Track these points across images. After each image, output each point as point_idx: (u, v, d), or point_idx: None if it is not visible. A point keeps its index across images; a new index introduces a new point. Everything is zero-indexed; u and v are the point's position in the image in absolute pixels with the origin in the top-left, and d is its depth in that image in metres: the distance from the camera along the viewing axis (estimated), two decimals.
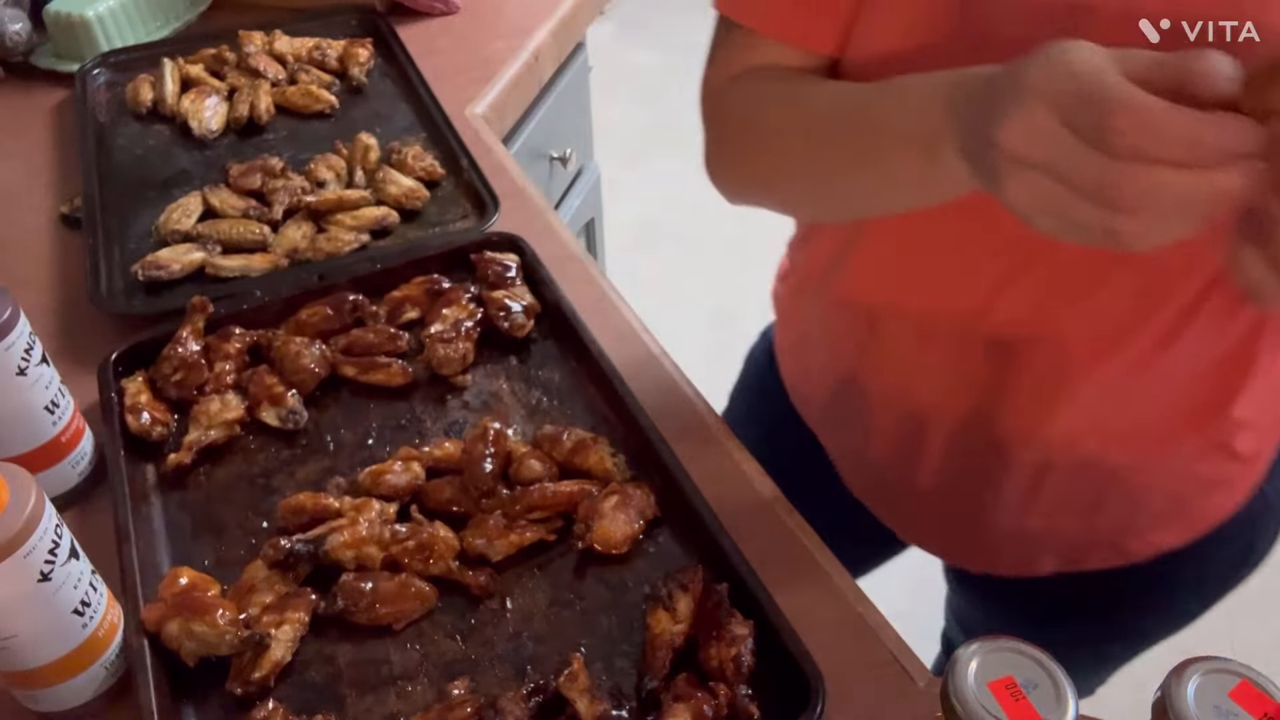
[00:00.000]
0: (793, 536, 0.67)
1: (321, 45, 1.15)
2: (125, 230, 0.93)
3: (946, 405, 0.70)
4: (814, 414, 0.84)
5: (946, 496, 0.75)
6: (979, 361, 0.66)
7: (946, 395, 0.69)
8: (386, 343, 0.79)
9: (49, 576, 0.53)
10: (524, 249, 0.86)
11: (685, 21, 3.45)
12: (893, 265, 0.68)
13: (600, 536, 0.64)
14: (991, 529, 0.75)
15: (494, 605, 0.63)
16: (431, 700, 0.58)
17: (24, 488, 0.53)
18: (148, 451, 0.73)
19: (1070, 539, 0.75)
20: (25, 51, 1.17)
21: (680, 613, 0.59)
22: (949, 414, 0.70)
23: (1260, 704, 0.41)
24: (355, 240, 0.89)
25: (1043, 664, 0.44)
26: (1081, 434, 0.67)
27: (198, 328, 0.78)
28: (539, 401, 0.77)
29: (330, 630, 0.62)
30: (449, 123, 1.02)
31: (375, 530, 0.64)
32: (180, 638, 0.58)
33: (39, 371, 0.66)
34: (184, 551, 0.67)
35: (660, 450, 0.68)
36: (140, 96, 1.07)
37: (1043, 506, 0.71)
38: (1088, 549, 0.75)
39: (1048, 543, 0.75)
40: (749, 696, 0.55)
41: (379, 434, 0.75)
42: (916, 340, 0.69)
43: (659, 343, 0.82)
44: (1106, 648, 0.85)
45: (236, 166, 0.97)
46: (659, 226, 2.66)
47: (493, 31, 1.22)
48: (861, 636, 0.62)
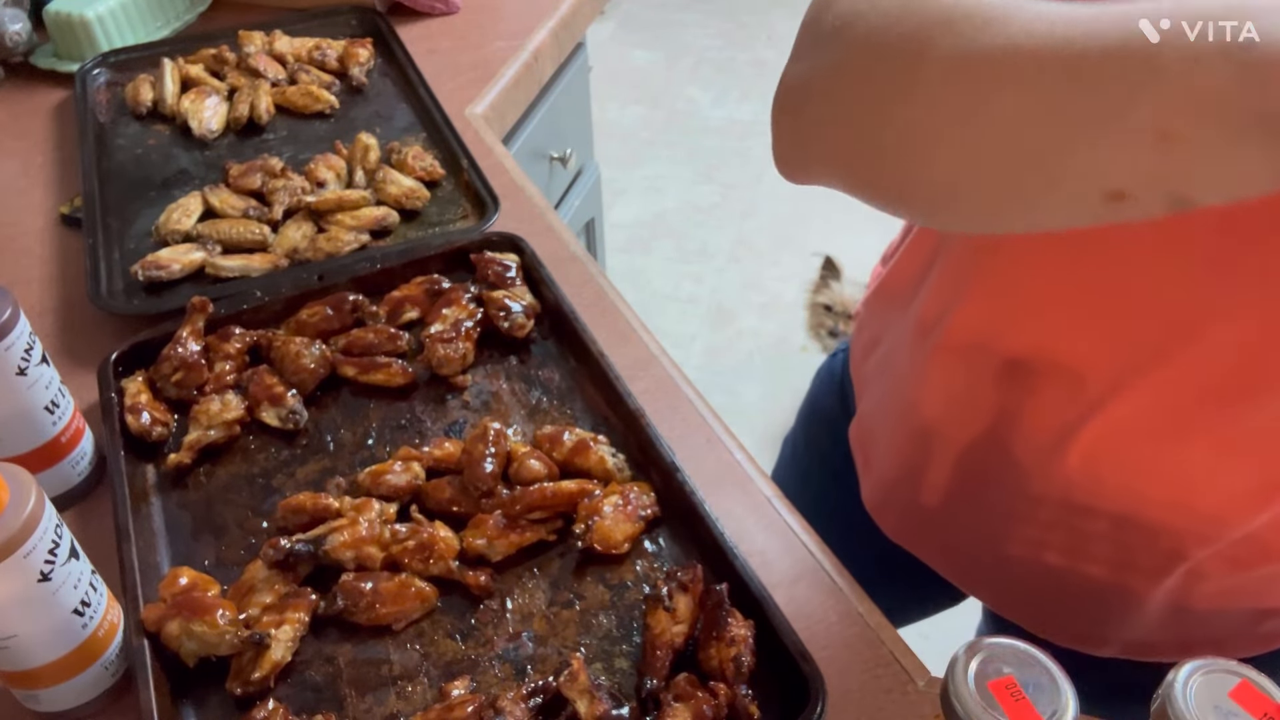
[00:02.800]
0: (792, 536, 0.67)
1: (321, 45, 1.15)
2: (125, 230, 0.93)
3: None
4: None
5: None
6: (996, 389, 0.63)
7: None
8: (386, 343, 0.79)
9: (49, 576, 0.53)
10: (524, 249, 0.86)
11: (685, 21, 3.46)
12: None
13: (600, 536, 0.64)
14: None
15: (494, 605, 0.63)
16: (431, 700, 0.58)
17: (24, 488, 0.53)
18: (148, 451, 0.73)
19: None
20: (25, 51, 1.17)
21: (680, 613, 0.59)
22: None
23: (1260, 704, 0.41)
24: (355, 240, 0.89)
25: (1043, 664, 0.44)
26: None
27: (198, 328, 0.78)
28: (539, 401, 0.77)
29: (330, 630, 0.62)
30: (449, 123, 1.02)
31: (375, 530, 0.64)
32: (180, 638, 0.58)
33: (39, 371, 0.66)
34: (184, 551, 0.67)
35: (660, 450, 0.68)
36: (140, 96, 1.07)
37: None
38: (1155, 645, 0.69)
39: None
40: (749, 696, 0.55)
41: (379, 434, 0.75)
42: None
43: (659, 343, 0.82)
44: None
45: (236, 166, 0.97)
46: (659, 226, 2.66)
47: (493, 31, 1.22)
48: (861, 636, 0.62)
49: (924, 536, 0.78)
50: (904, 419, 0.73)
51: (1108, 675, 0.70)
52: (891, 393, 0.75)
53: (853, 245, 2.07)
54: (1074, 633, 0.72)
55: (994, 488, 0.68)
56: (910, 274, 0.71)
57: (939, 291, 0.66)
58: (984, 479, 0.69)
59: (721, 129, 2.99)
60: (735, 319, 2.38)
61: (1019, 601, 0.75)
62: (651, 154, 2.89)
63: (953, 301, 0.64)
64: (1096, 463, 0.61)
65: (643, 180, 2.79)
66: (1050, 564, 0.68)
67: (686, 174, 2.83)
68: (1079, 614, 0.70)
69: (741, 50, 3.30)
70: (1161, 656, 0.70)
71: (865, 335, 0.80)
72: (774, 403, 2.10)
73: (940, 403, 0.69)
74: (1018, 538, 0.69)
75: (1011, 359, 0.62)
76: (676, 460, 0.68)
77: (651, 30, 3.41)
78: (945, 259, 0.65)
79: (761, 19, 3.44)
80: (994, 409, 0.65)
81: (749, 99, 3.09)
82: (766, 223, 2.61)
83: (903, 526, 0.79)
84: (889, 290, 0.76)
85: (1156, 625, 0.68)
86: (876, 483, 0.79)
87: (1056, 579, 0.69)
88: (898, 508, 0.78)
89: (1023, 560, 0.70)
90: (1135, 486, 0.61)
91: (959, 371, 0.66)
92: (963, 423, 0.68)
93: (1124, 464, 0.61)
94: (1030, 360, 0.61)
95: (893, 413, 0.75)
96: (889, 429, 0.76)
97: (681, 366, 0.80)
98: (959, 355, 0.65)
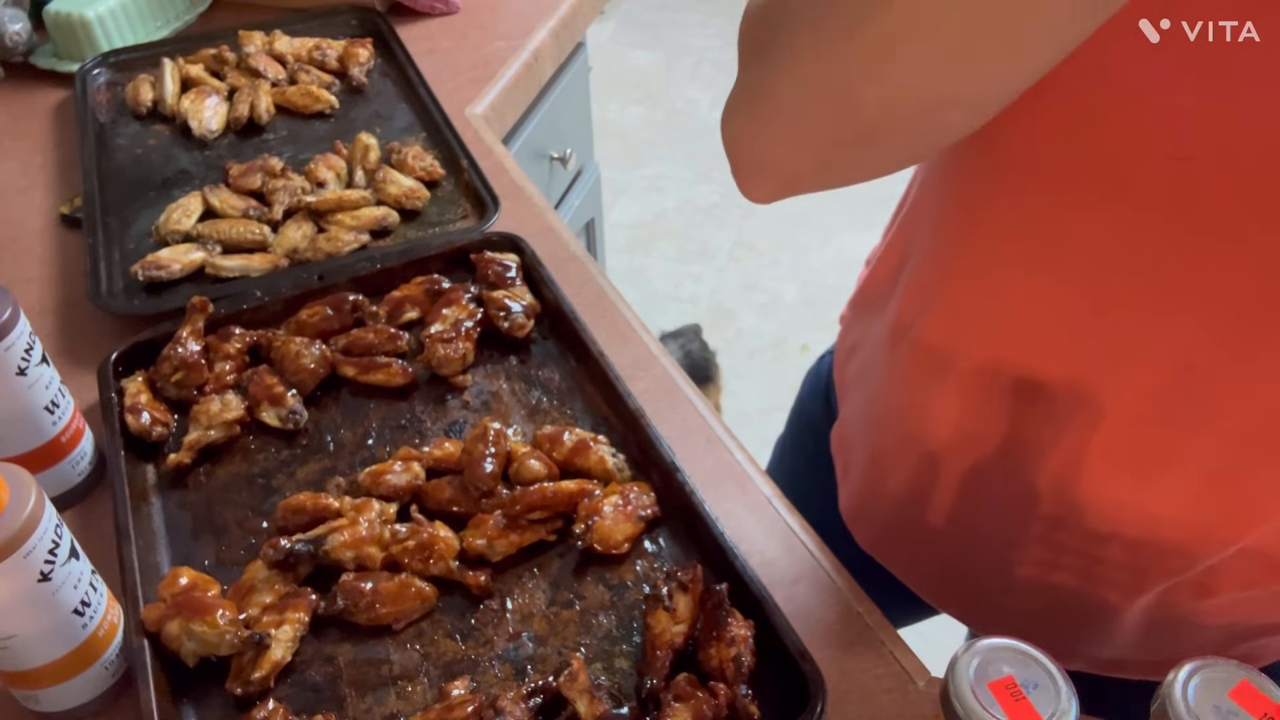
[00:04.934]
0: (792, 536, 0.67)
1: (321, 45, 1.15)
2: (125, 230, 0.93)
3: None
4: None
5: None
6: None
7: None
8: (386, 343, 0.79)
9: (49, 576, 0.54)
10: (524, 249, 0.86)
11: (685, 21, 3.46)
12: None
13: (600, 536, 0.64)
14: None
15: (494, 605, 0.63)
16: (431, 700, 0.58)
17: (24, 488, 0.53)
18: (148, 451, 0.73)
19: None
20: (25, 51, 1.17)
21: (680, 613, 0.59)
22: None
23: (1260, 704, 0.41)
24: (355, 240, 0.89)
25: (1043, 664, 0.44)
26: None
27: (198, 328, 0.78)
28: (539, 401, 0.77)
29: (330, 630, 0.62)
30: (449, 123, 1.02)
31: (375, 530, 0.64)
32: (180, 638, 0.58)
33: (39, 371, 0.66)
34: (184, 551, 0.67)
35: (660, 450, 0.69)
36: (140, 96, 1.07)
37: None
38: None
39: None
40: (749, 696, 0.55)
41: (379, 434, 0.75)
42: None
43: (659, 343, 0.82)
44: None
45: (236, 166, 0.97)
46: (659, 226, 2.66)
47: (493, 31, 1.22)
48: (861, 636, 0.62)
49: (893, 548, 0.76)
50: (879, 427, 0.72)
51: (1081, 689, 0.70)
52: (868, 400, 0.73)
53: (853, 245, 2.07)
54: (1043, 647, 0.71)
55: (967, 501, 0.67)
56: (884, 278, 0.70)
57: (909, 298, 0.65)
58: (958, 491, 0.67)
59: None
60: (735, 319, 2.38)
61: (987, 616, 0.74)
62: (651, 154, 2.89)
63: (922, 309, 0.63)
64: (1064, 478, 0.60)
65: (643, 180, 2.79)
66: (1020, 577, 0.67)
67: (686, 174, 2.83)
68: (1048, 628, 0.69)
69: None
70: (1133, 674, 0.70)
71: (847, 340, 0.79)
72: (774, 403, 2.10)
73: (914, 412, 0.67)
74: (988, 553, 0.67)
75: (979, 369, 0.61)
76: (676, 460, 0.68)
77: (651, 30, 3.41)
78: (915, 264, 0.64)
79: None
80: (965, 421, 0.63)
81: None
82: (766, 223, 2.61)
83: (874, 537, 0.77)
84: (867, 295, 0.74)
85: (1130, 643, 0.67)
86: (852, 492, 0.78)
87: (1026, 593, 0.67)
88: (870, 518, 0.77)
89: (991, 574, 0.68)
90: (1104, 504, 0.60)
91: (931, 380, 0.64)
92: (936, 433, 0.66)
93: (1091, 480, 0.59)
94: (997, 371, 0.60)
95: (869, 420, 0.74)
96: (865, 436, 0.75)
97: (682, 366, 0.80)
98: (931, 363, 0.64)
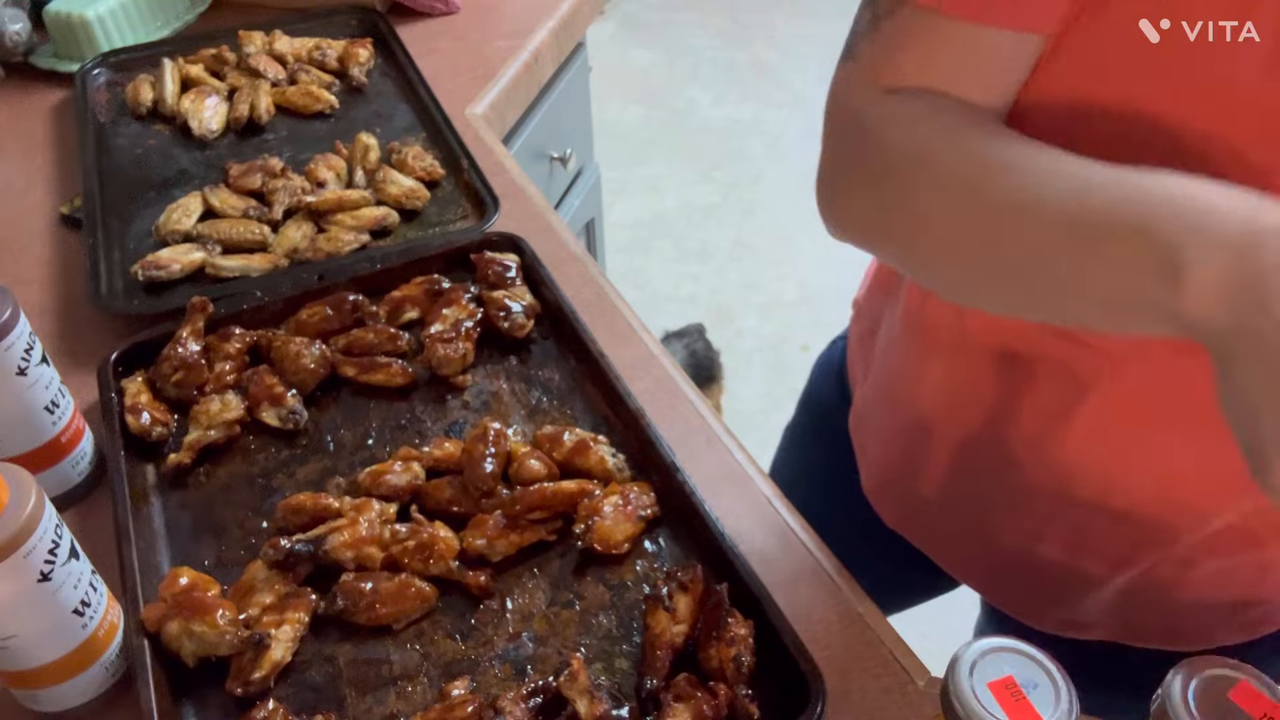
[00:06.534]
0: (792, 536, 0.67)
1: (321, 45, 1.15)
2: (125, 230, 0.93)
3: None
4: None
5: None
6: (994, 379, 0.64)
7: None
8: (386, 343, 0.79)
9: (49, 576, 0.53)
10: (524, 249, 0.86)
11: (685, 21, 3.46)
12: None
13: (600, 536, 0.64)
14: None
15: (494, 605, 0.63)
16: (431, 700, 0.58)
17: (24, 488, 0.53)
18: (148, 451, 0.73)
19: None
20: (25, 51, 1.17)
21: (680, 613, 0.59)
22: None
23: (1260, 704, 0.41)
24: (355, 240, 0.89)
25: (1043, 664, 0.44)
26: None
27: (198, 328, 0.78)
28: (539, 401, 0.77)
29: (330, 630, 0.62)
30: (449, 123, 1.02)
31: (375, 530, 0.64)
32: (180, 638, 0.58)
33: (39, 371, 0.66)
34: (184, 551, 0.67)
35: (660, 450, 0.68)
36: (140, 96, 1.07)
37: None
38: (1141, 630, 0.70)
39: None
40: (749, 696, 0.55)
41: (379, 434, 0.75)
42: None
43: (659, 343, 0.82)
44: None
45: (236, 166, 0.97)
46: (659, 226, 2.66)
47: (493, 31, 1.22)
48: (861, 636, 0.62)
49: (918, 523, 0.79)
50: (897, 407, 0.74)
51: (1095, 663, 0.71)
52: (886, 381, 0.76)
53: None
54: (1062, 619, 0.73)
55: (985, 476, 0.69)
56: None
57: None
58: (975, 466, 0.69)
59: (721, 129, 2.99)
60: (735, 319, 2.38)
61: (1008, 588, 0.76)
62: (651, 154, 2.89)
63: (929, 290, 0.65)
64: (1082, 452, 0.62)
65: (643, 180, 2.79)
66: (1040, 552, 0.69)
67: (686, 174, 2.83)
68: (1067, 600, 0.71)
69: (741, 50, 3.29)
70: (1150, 643, 0.72)
71: (862, 324, 0.82)
72: (774, 403, 2.10)
73: (930, 391, 0.70)
74: (1009, 526, 0.70)
75: (992, 347, 0.63)
76: (676, 460, 0.68)
77: (651, 30, 3.41)
78: None
79: (761, 19, 3.44)
80: (982, 396, 0.66)
81: (749, 99, 3.09)
82: (766, 223, 2.60)
83: (899, 514, 0.80)
84: (882, 279, 0.77)
85: (1145, 610, 0.69)
86: (873, 470, 0.81)
87: (1046, 566, 0.70)
88: (894, 495, 0.79)
89: (1014, 548, 0.71)
90: (1119, 475, 0.62)
91: (946, 359, 0.67)
92: (952, 410, 0.68)
93: (1109, 453, 0.61)
94: (1011, 348, 0.62)
95: (887, 401, 0.76)
96: (883, 417, 0.77)
97: (682, 366, 0.80)
98: (944, 342, 0.66)
